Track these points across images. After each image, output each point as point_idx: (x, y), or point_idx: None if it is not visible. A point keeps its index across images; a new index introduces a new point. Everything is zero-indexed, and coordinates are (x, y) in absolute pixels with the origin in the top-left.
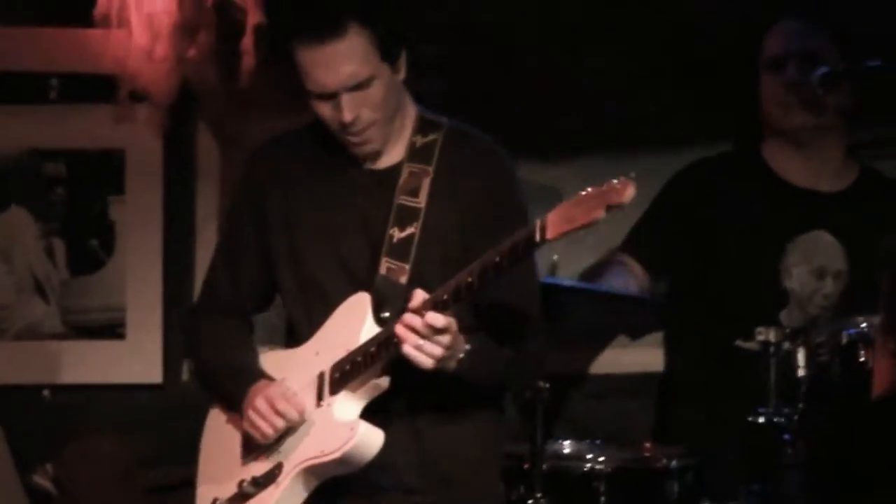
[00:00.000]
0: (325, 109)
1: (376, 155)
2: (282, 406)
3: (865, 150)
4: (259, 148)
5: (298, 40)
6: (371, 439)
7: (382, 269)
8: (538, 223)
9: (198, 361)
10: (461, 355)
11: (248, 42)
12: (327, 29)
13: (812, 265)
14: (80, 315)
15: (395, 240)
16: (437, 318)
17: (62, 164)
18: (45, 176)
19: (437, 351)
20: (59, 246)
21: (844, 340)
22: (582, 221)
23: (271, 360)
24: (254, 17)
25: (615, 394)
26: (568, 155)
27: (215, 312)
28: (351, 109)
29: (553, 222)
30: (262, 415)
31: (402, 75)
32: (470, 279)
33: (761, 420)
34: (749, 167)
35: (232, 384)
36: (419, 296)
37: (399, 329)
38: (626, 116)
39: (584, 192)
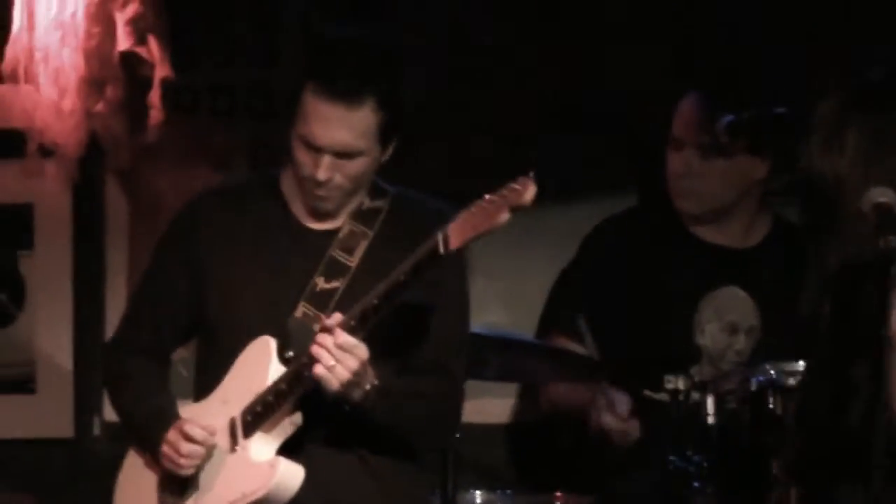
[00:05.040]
0: (303, 154)
1: (325, 215)
2: (189, 428)
3: (776, 197)
4: (196, 197)
5: (315, 84)
6: (292, 475)
7: (298, 313)
8: (440, 235)
9: (116, 401)
10: (367, 387)
11: (155, 96)
12: (347, 93)
13: (724, 321)
14: None
15: (317, 288)
16: (347, 339)
17: None
18: None
19: (344, 374)
20: None
21: (754, 388)
22: (486, 227)
23: (183, 413)
24: (161, 71)
25: (529, 444)
26: None
27: (135, 352)
28: (327, 170)
29: (455, 231)
30: (173, 443)
31: (387, 156)
32: (376, 301)
33: (672, 468)
34: (660, 223)
35: (150, 426)
36: (335, 317)
37: (314, 348)
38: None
39: (485, 198)
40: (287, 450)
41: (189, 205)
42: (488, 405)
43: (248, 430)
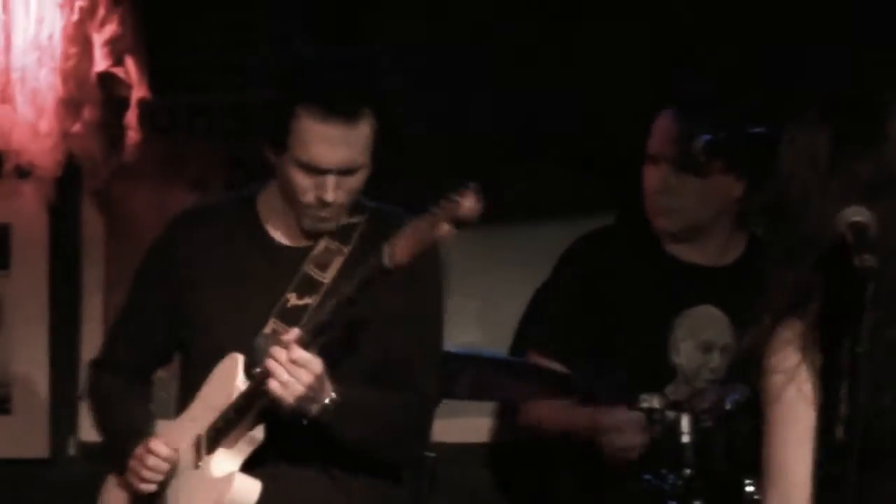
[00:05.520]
0: (303, 179)
1: (304, 234)
2: (154, 444)
3: (752, 216)
4: (173, 217)
5: (308, 109)
6: (247, 490)
7: (267, 330)
8: (386, 249)
9: (96, 420)
10: (326, 401)
11: (132, 116)
12: (345, 111)
13: (698, 340)
14: None
15: (288, 304)
16: (301, 354)
17: None
18: None
19: (298, 389)
20: None
21: (728, 407)
22: (429, 240)
23: (160, 431)
24: (138, 92)
25: (504, 464)
26: None
27: (116, 371)
28: (335, 191)
29: (400, 246)
30: (139, 458)
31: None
32: (326, 317)
33: (646, 487)
34: (636, 241)
35: (124, 444)
36: (293, 332)
37: (269, 363)
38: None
39: (429, 212)
40: (258, 467)
41: (167, 226)
42: (464, 424)
43: (211, 447)
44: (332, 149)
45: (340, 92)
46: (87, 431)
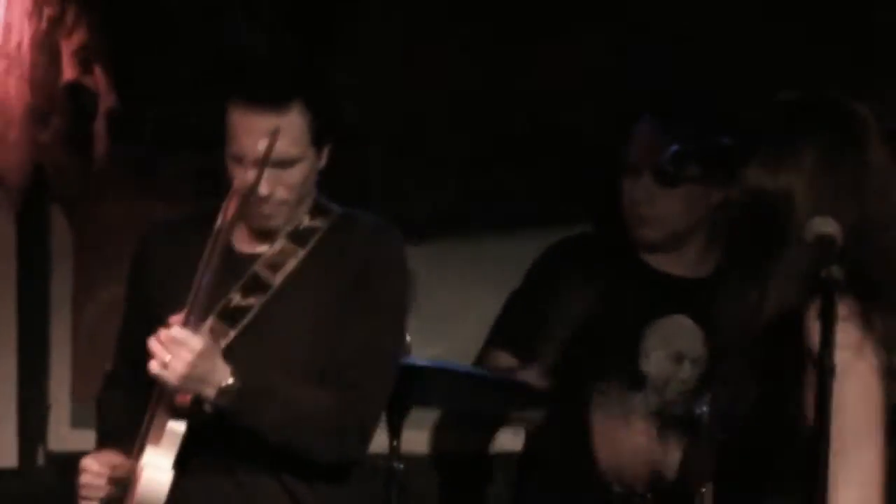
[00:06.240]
0: (238, 173)
1: (269, 233)
2: (83, 461)
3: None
4: (145, 230)
5: (235, 101)
6: (155, 482)
7: (205, 327)
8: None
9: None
10: (222, 384)
11: (100, 126)
12: (270, 100)
13: (670, 350)
14: None
15: (231, 304)
16: (178, 332)
17: None
18: None
19: (179, 367)
20: None
21: (697, 416)
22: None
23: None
24: (106, 101)
25: (472, 476)
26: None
27: (115, 385)
28: (269, 184)
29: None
30: (85, 468)
31: (323, 162)
32: (199, 295)
33: (614, 496)
34: (610, 249)
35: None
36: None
37: (150, 343)
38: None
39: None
40: (216, 474)
41: (139, 239)
42: (433, 435)
43: (141, 446)
44: (258, 139)
45: (263, 82)
46: (56, 441)
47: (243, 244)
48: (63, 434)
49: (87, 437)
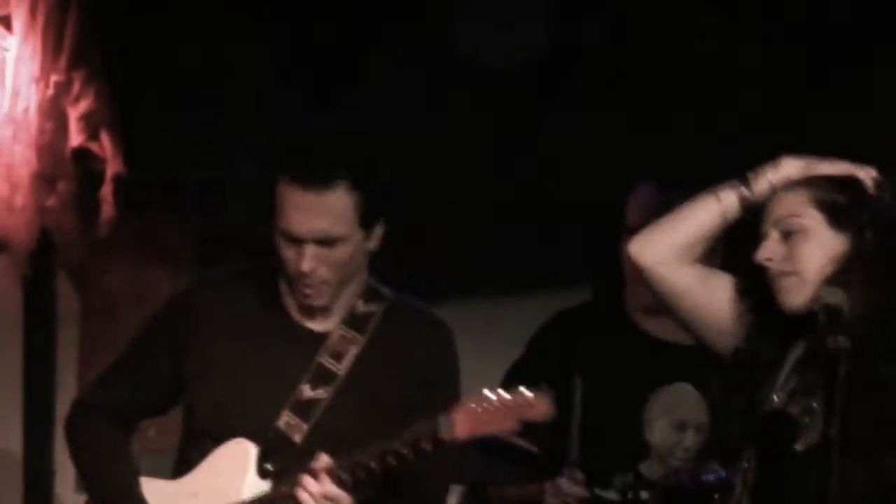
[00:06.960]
0: (286, 250)
1: (318, 311)
2: None
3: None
4: (194, 285)
5: (285, 175)
6: None
7: (280, 422)
8: (441, 421)
9: (76, 460)
10: None
11: (107, 191)
12: (318, 178)
13: (673, 418)
14: None
15: (303, 396)
16: (332, 489)
17: None
18: None
19: None
20: None
21: (702, 485)
22: (493, 429)
23: (149, 489)
24: (113, 167)
25: None
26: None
27: (103, 413)
28: (311, 261)
29: (462, 422)
30: None
31: (373, 244)
32: (372, 464)
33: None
34: (611, 318)
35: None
36: (322, 460)
37: (300, 493)
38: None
39: (494, 398)
40: None
41: (186, 293)
42: None
43: None
44: (305, 217)
45: (312, 159)
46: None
47: (299, 316)
48: (68, 499)
49: None
